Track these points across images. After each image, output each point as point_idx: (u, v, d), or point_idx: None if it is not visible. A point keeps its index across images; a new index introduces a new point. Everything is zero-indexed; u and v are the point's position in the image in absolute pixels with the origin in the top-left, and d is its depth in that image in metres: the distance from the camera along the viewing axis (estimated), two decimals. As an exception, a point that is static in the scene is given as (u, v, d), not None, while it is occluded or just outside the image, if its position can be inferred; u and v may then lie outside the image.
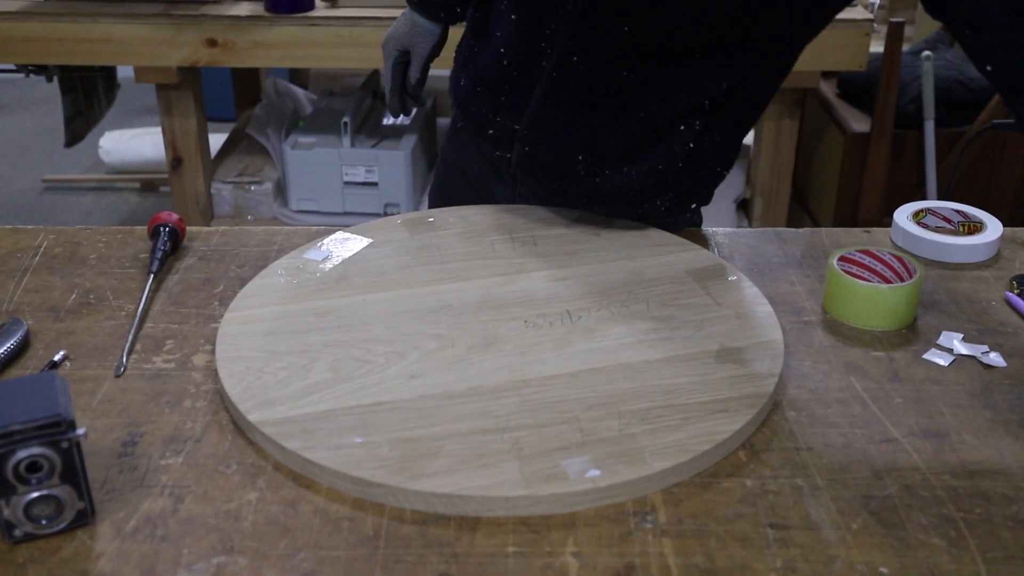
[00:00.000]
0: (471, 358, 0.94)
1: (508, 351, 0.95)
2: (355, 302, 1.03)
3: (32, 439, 0.73)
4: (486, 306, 1.02)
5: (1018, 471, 0.83)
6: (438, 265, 1.10)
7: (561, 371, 0.92)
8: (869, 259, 1.09)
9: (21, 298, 1.08)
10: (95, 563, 0.74)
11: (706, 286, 1.06)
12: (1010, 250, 1.20)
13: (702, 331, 0.98)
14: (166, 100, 2.47)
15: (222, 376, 0.91)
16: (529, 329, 0.98)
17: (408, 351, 0.95)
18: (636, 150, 1.14)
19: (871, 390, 0.94)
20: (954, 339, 1.01)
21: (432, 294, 1.05)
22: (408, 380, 0.91)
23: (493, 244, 1.14)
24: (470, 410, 0.87)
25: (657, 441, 0.83)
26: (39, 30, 2.32)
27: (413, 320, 1.00)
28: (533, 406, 0.87)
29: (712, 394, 0.89)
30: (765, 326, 0.99)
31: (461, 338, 0.97)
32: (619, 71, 1.07)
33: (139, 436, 0.87)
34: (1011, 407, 0.91)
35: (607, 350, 0.95)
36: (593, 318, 1.00)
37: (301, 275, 1.08)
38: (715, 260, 1.11)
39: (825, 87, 2.87)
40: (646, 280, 1.07)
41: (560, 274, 1.08)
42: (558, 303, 1.03)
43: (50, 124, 3.92)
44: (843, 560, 0.74)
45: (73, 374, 0.95)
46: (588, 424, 0.85)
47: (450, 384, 0.90)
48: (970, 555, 0.75)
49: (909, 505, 0.79)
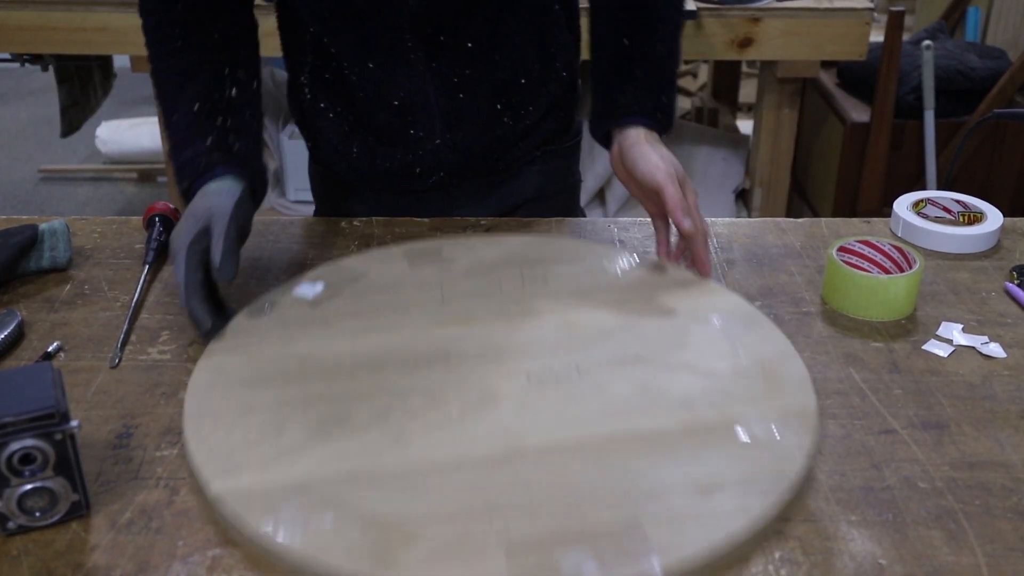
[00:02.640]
0: (463, 420, 0.84)
1: (506, 412, 0.85)
2: (342, 347, 0.94)
3: (25, 431, 0.72)
4: (486, 356, 0.92)
5: (1018, 462, 0.83)
6: (438, 305, 1.01)
7: (564, 440, 0.82)
8: (869, 249, 1.09)
9: (15, 288, 1.07)
10: (90, 555, 0.73)
11: (733, 336, 0.95)
12: (1010, 240, 1.19)
13: (726, 394, 0.87)
14: (163, 90, 2.46)
15: (187, 436, 0.83)
16: (531, 385, 0.88)
17: (394, 409, 0.85)
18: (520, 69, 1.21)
19: (870, 381, 0.93)
20: (954, 330, 1.01)
21: (428, 340, 0.95)
22: (391, 445, 0.81)
23: (501, 281, 1.05)
24: (457, 485, 0.77)
25: (666, 535, 0.72)
26: (34, 19, 2.31)
27: (404, 371, 0.90)
28: (529, 483, 0.77)
29: (732, 475, 0.78)
30: (796, 389, 0.88)
31: (455, 394, 0.87)
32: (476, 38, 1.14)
33: (134, 428, 0.86)
34: (1011, 398, 0.91)
35: (617, 415, 0.85)
36: (604, 373, 0.90)
37: (288, 312, 1.00)
38: (744, 306, 1.01)
39: (825, 77, 2.87)
40: (667, 328, 0.97)
41: (571, 318, 0.98)
42: (566, 354, 0.93)
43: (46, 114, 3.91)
44: (841, 552, 0.74)
45: (67, 365, 0.95)
46: (590, 508, 0.74)
47: (438, 452, 0.80)
48: (969, 547, 0.74)
49: (908, 497, 0.79)
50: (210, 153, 1.03)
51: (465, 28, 1.13)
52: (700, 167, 2.81)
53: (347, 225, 1.22)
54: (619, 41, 1.14)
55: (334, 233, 1.20)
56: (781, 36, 2.30)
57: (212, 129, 1.05)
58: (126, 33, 2.32)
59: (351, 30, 1.14)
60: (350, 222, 1.23)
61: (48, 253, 1.09)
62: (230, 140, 1.05)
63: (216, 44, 1.10)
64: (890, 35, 2.43)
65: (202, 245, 0.95)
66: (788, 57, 2.35)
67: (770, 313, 1.03)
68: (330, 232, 1.20)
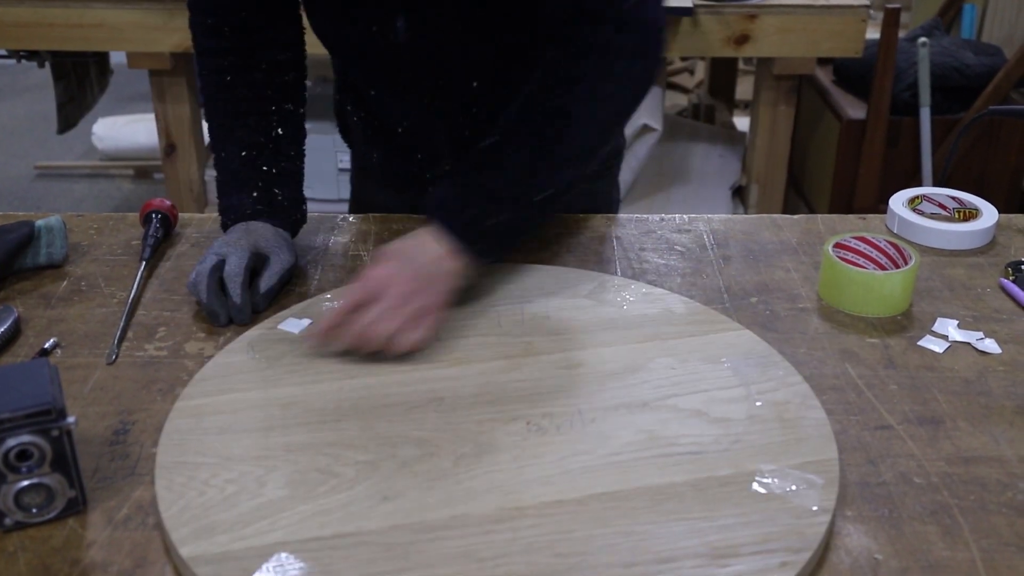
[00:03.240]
0: (458, 473, 0.78)
1: (504, 464, 0.79)
2: (330, 390, 0.88)
3: (22, 427, 0.72)
4: (483, 400, 0.87)
5: (1012, 457, 0.83)
6: (432, 343, 0.95)
7: (566, 495, 0.76)
8: (864, 246, 1.09)
9: (11, 285, 1.07)
10: (86, 551, 0.73)
11: (747, 379, 0.90)
12: (1005, 236, 1.19)
13: (739, 444, 0.82)
14: (159, 86, 2.46)
15: (158, 491, 0.77)
16: (531, 433, 0.83)
17: (384, 460, 0.80)
18: None
19: (866, 377, 0.93)
20: (949, 326, 1.01)
21: (421, 382, 0.89)
22: (380, 502, 0.75)
23: (499, 317, 1.00)
24: (450, 549, 0.71)
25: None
26: (31, 15, 2.30)
27: (395, 417, 0.85)
28: (528, 545, 0.71)
29: (748, 537, 0.72)
30: (816, 438, 0.82)
31: (449, 444, 0.82)
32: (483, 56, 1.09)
33: (131, 424, 0.86)
34: (1006, 393, 0.91)
35: (623, 467, 0.79)
36: (609, 420, 0.84)
37: (272, 351, 0.94)
38: (759, 345, 0.95)
39: (821, 74, 2.87)
40: (676, 369, 0.91)
41: (574, 358, 0.93)
42: (568, 398, 0.87)
43: (42, 111, 3.91)
44: (837, 547, 0.74)
45: (64, 362, 0.95)
46: (592, 574, 0.70)
47: (430, 510, 0.75)
48: (964, 542, 0.74)
49: (903, 492, 0.79)
50: (255, 204, 1.09)
51: (468, 67, 1.10)
52: (697, 164, 2.81)
53: (343, 221, 1.22)
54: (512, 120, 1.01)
55: (329, 229, 1.20)
56: (777, 33, 2.30)
57: (258, 178, 1.10)
58: (123, 30, 2.32)
59: (349, 53, 1.15)
60: (345, 218, 1.23)
61: (45, 249, 1.09)
62: (274, 191, 1.10)
63: (262, 80, 1.12)
64: (886, 32, 2.44)
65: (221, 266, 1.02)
66: (784, 54, 2.35)
67: (766, 309, 1.04)
68: (324, 228, 1.20)
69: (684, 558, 0.71)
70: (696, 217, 1.24)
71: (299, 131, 1.16)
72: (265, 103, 1.12)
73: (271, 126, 1.12)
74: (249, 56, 1.12)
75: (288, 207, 1.11)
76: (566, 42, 0.99)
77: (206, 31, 1.12)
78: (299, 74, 1.17)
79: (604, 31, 0.98)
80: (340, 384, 0.89)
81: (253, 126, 1.11)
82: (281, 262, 1.04)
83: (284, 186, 1.12)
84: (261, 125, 1.12)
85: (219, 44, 1.11)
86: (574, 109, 0.99)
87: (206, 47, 1.12)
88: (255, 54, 1.12)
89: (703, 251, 1.16)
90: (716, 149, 2.84)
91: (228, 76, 1.11)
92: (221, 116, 1.12)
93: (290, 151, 1.14)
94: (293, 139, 1.14)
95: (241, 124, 1.11)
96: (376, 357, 0.92)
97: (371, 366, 0.92)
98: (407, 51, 1.08)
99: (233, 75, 1.11)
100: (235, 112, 1.11)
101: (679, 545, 0.72)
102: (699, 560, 0.70)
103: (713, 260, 1.14)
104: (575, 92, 0.98)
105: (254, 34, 1.12)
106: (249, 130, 1.11)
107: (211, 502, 0.76)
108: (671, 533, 0.73)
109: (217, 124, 1.13)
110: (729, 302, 1.05)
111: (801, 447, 0.81)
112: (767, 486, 0.77)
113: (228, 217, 1.09)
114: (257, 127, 1.11)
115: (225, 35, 1.10)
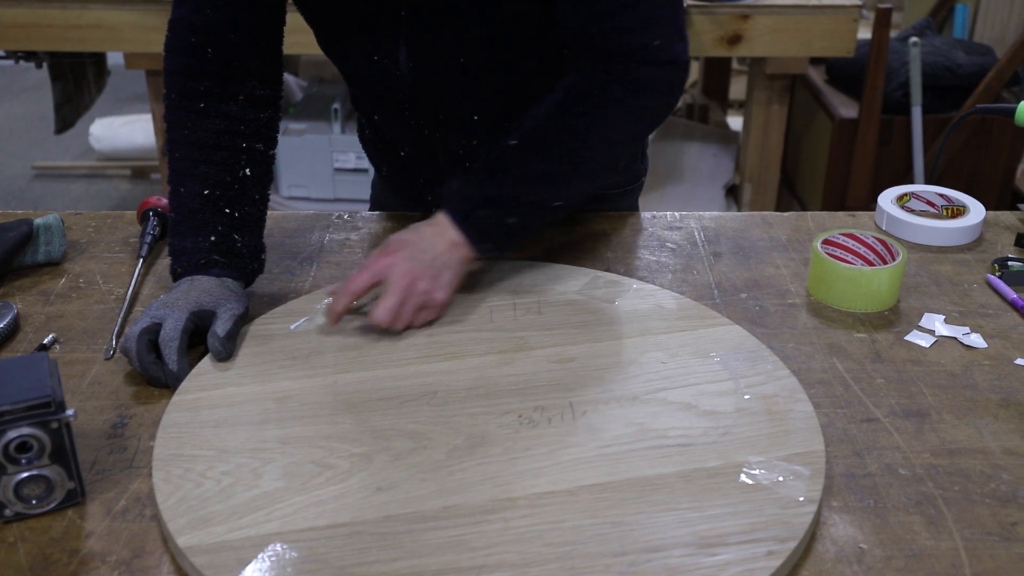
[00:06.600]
0: (451, 465, 0.80)
1: (496, 456, 0.81)
2: (324, 385, 0.89)
3: (22, 419, 0.73)
4: (476, 394, 0.88)
5: (996, 449, 0.84)
6: (426, 338, 0.96)
7: (556, 487, 0.77)
8: (853, 242, 1.10)
9: (10, 282, 1.08)
10: (85, 542, 0.74)
11: (736, 373, 0.91)
12: (992, 233, 1.21)
13: (728, 436, 0.83)
14: (156, 86, 2.47)
15: (155, 482, 0.78)
16: (523, 427, 0.84)
17: (377, 453, 0.81)
18: None
19: (853, 371, 0.95)
20: (936, 321, 1.02)
21: (415, 376, 0.91)
22: (374, 493, 0.77)
23: (492, 312, 1.01)
24: (443, 539, 0.72)
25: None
26: (29, 16, 2.31)
27: (389, 410, 0.86)
28: (519, 536, 0.73)
29: (735, 527, 0.73)
30: (803, 431, 0.83)
31: (442, 436, 0.83)
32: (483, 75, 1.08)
33: (128, 418, 0.88)
34: (991, 387, 0.92)
35: (613, 459, 0.80)
36: (600, 413, 0.86)
37: (268, 345, 0.95)
38: (748, 340, 0.96)
39: (813, 73, 2.88)
40: (666, 363, 0.92)
41: (566, 353, 0.94)
42: (560, 392, 0.88)
43: (40, 111, 3.91)
44: (823, 537, 0.75)
45: (63, 357, 0.96)
46: (582, 563, 0.70)
47: (423, 501, 0.76)
48: (948, 531, 0.76)
49: (889, 483, 0.81)
50: (211, 251, 1.01)
51: (469, 102, 1.10)
52: (691, 163, 2.83)
53: (338, 219, 1.23)
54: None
55: (325, 226, 1.21)
56: (770, 33, 2.31)
57: (217, 221, 1.02)
58: (120, 30, 2.33)
59: (355, 78, 1.15)
60: (340, 216, 1.24)
61: (43, 247, 1.10)
62: (234, 237, 1.02)
63: (237, 113, 1.04)
64: (878, 32, 2.45)
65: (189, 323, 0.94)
66: (777, 54, 2.36)
67: (756, 305, 1.05)
68: (320, 225, 1.21)
69: (672, 547, 0.71)
70: (687, 214, 1.25)
71: (267, 174, 1.08)
72: (236, 139, 1.04)
73: (239, 165, 1.04)
74: (227, 84, 1.04)
75: (246, 256, 1.03)
76: (596, 71, 1.00)
77: (185, 49, 1.03)
78: (274, 113, 1.09)
79: (633, 68, 1.00)
80: (335, 378, 0.91)
81: (220, 162, 1.03)
82: (231, 310, 0.96)
83: (245, 232, 1.03)
84: (229, 163, 1.03)
85: (197, 65, 1.03)
86: (598, 131, 1.01)
87: (181, 66, 1.04)
88: (233, 84, 1.04)
89: (694, 248, 1.17)
90: (710, 149, 2.85)
91: (201, 103, 1.03)
92: (186, 147, 1.03)
93: (255, 194, 1.05)
94: (260, 181, 1.06)
95: (207, 159, 1.03)
96: (370, 351, 0.94)
97: (365, 361, 0.93)
98: (409, 83, 1.08)
99: (207, 103, 1.03)
100: (202, 144, 1.03)
101: (668, 535, 0.73)
102: (687, 549, 0.71)
103: (704, 257, 1.15)
104: (600, 116, 1.01)
105: (237, 60, 1.05)
106: (215, 167, 1.03)
107: (208, 493, 0.77)
108: (660, 523, 0.74)
109: (180, 156, 1.03)
110: (719, 298, 1.07)
111: (788, 439, 0.82)
112: (755, 477, 0.78)
113: (179, 263, 1.01)
114: (224, 164, 1.03)
115: (206, 56, 1.03)
